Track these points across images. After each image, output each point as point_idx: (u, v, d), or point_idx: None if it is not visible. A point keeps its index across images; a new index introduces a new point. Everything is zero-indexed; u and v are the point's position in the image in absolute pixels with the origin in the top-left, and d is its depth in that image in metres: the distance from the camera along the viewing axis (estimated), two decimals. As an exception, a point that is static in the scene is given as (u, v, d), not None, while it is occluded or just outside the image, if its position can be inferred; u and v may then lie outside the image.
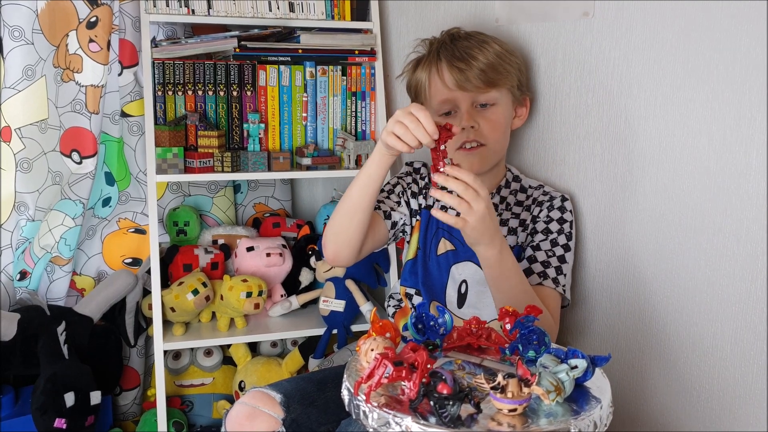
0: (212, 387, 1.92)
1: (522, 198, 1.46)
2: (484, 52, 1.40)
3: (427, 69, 1.43)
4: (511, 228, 1.42)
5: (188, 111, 1.75)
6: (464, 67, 1.38)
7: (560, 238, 1.38)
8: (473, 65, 1.38)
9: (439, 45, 1.44)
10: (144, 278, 1.81)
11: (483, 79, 1.38)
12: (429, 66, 1.43)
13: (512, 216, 1.44)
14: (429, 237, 1.45)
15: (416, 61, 1.49)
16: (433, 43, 1.47)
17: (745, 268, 1.14)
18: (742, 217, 1.14)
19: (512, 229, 1.42)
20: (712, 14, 1.16)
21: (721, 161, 1.17)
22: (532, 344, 0.95)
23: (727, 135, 1.15)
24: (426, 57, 1.46)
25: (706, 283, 1.21)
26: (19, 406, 1.64)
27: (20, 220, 1.68)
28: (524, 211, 1.44)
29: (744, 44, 1.11)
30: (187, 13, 1.72)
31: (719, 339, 1.20)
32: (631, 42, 1.30)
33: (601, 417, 0.84)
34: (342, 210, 1.27)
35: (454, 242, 1.43)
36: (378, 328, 0.95)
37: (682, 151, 1.23)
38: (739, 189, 1.14)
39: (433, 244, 1.44)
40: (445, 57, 1.40)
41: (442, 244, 1.44)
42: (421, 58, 1.48)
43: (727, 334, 1.18)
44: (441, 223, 1.40)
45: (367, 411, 0.83)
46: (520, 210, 1.44)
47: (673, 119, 1.24)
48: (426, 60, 1.45)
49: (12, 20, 1.59)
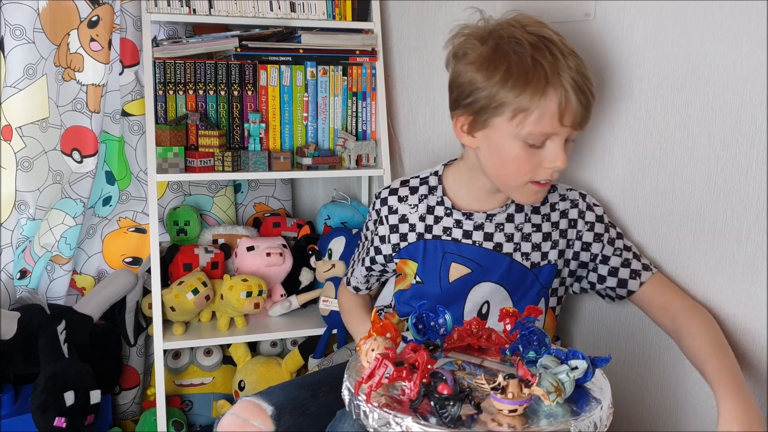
0: (212, 386, 1.92)
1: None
2: (591, 79, 1.18)
3: (541, 93, 1.12)
4: (535, 244, 1.29)
5: (189, 110, 1.75)
6: (589, 102, 1.16)
7: (611, 232, 1.30)
8: (591, 101, 1.17)
9: (555, 62, 1.13)
10: (144, 277, 1.81)
11: (591, 115, 1.19)
12: (546, 90, 1.12)
13: (534, 229, 1.30)
14: (432, 266, 1.31)
15: (508, 70, 1.13)
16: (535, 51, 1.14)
17: (745, 269, 1.15)
18: (743, 219, 1.14)
19: (536, 244, 1.29)
20: (712, 15, 1.16)
21: (721, 163, 1.17)
22: (532, 345, 0.95)
23: (727, 137, 1.15)
24: (536, 74, 1.12)
25: (706, 285, 1.22)
26: (19, 404, 1.64)
27: (21, 218, 1.68)
28: (545, 221, 1.30)
29: (744, 45, 1.11)
30: (188, 13, 1.72)
31: (719, 340, 1.21)
32: (631, 43, 1.30)
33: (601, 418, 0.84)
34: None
35: (469, 264, 1.30)
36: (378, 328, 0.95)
37: (682, 152, 1.23)
38: (739, 191, 1.14)
39: (443, 271, 1.31)
40: (572, 86, 1.13)
41: (454, 269, 1.30)
42: (520, 70, 1.13)
43: (727, 335, 1.18)
44: (447, 248, 1.30)
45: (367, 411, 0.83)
46: (540, 219, 1.30)
47: (674, 120, 1.24)
48: (540, 80, 1.12)
49: (13, 19, 1.59)
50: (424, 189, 1.35)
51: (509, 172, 1.20)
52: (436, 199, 1.33)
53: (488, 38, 1.18)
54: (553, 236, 1.30)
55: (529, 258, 1.29)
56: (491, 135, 1.19)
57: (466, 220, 1.30)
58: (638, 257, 1.29)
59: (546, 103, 1.12)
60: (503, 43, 1.16)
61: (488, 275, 1.29)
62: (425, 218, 1.33)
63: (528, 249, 1.29)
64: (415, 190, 1.36)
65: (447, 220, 1.31)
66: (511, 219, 1.30)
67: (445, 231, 1.31)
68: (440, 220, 1.32)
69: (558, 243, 1.30)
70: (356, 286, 1.51)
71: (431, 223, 1.32)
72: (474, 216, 1.30)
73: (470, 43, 1.21)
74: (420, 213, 1.33)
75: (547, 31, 1.18)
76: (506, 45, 1.15)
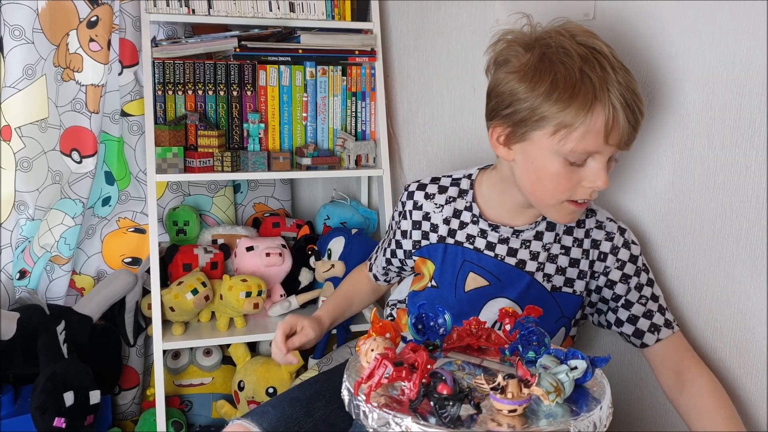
0: (211, 387, 1.92)
1: (571, 224, 1.24)
2: (641, 94, 1.11)
3: (588, 109, 1.06)
4: (560, 267, 1.22)
5: (188, 111, 1.75)
6: (638, 122, 1.10)
7: (642, 277, 1.22)
8: (640, 120, 1.10)
9: (605, 76, 1.07)
10: (143, 278, 1.81)
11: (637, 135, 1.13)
12: (593, 106, 1.06)
13: (562, 252, 1.23)
14: (449, 272, 1.26)
15: (554, 82, 1.07)
16: (584, 64, 1.07)
17: (745, 269, 1.15)
18: (742, 219, 1.14)
19: (561, 268, 1.22)
20: (712, 15, 1.16)
21: (720, 162, 1.17)
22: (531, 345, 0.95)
23: (726, 136, 1.15)
24: (583, 89, 1.06)
25: (705, 285, 1.22)
26: (19, 405, 1.64)
27: (20, 219, 1.68)
28: (575, 246, 1.23)
29: (744, 45, 1.11)
30: (187, 13, 1.72)
31: (718, 340, 1.20)
32: (631, 43, 1.30)
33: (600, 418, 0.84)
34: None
35: (488, 277, 1.24)
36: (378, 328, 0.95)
37: (681, 152, 1.23)
38: (738, 191, 1.14)
39: (459, 279, 1.25)
40: (621, 103, 1.07)
41: (471, 279, 1.24)
42: (566, 82, 1.06)
43: (727, 336, 1.18)
44: (468, 256, 1.25)
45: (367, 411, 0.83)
46: (571, 243, 1.23)
47: (673, 120, 1.24)
48: (588, 95, 1.06)
49: (13, 19, 1.59)
50: (454, 191, 1.28)
51: (546, 190, 1.14)
52: (464, 203, 1.27)
53: (534, 46, 1.11)
54: (581, 264, 1.23)
55: (551, 280, 1.22)
56: (529, 149, 1.12)
57: (492, 232, 1.24)
58: (663, 311, 1.23)
59: (592, 119, 1.06)
60: (550, 52, 1.09)
61: (505, 291, 1.23)
62: (450, 222, 1.27)
63: (551, 271, 1.23)
64: (444, 190, 1.29)
65: (472, 227, 1.25)
66: (540, 237, 1.23)
67: (468, 239, 1.25)
68: (465, 226, 1.26)
69: (586, 274, 1.23)
70: (375, 274, 1.48)
71: (455, 228, 1.26)
72: (500, 229, 1.23)
73: (513, 50, 1.14)
74: (445, 215, 1.27)
75: (598, 42, 1.10)
76: (553, 55, 1.09)
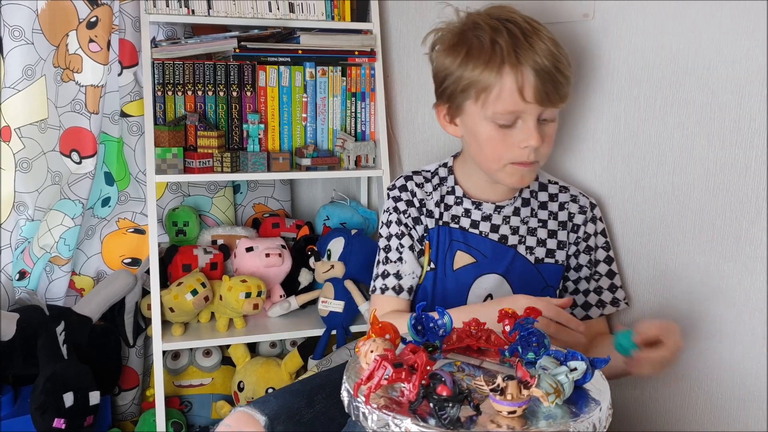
0: (211, 387, 1.92)
1: (544, 198, 1.36)
2: (564, 59, 1.20)
3: (497, 70, 1.18)
4: (540, 239, 1.33)
5: (188, 111, 1.75)
6: (555, 79, 1.18)
7: (599, 253, 1.34)
8: (559, 79, 1.19)
9: (513, 41, 1.18)
10: (143, 278, 1.81)
11: (562, 94, 1.21)
12: (502, 67, 1.17)
13: (539, 225, 1.34)
14: (441, 252, 1.33)
15: (468, 52, 1.21)
16: (494, 33, 1.19)
17: (745, 269, 1.14)
18: (741, 219, 1.14)
19: (541, 240, 1.33)
20: (712, 15, 1.16)
21: (720, 162, 1.17)
22: (531, 346, 0.95)
23: (726, 136, 1.15)
24: (493, 53, 1.18)
25: (704, 285, 1.22)
26: (18, 405, 1.64)
27: (19, 219, 1.68)
28: (551, 219, 1.34)
29: (744, 45, 1.11)
30: (187, 14, 1.72)
31: (718, 340, 1.20)
32: (631, 43, 1.30)
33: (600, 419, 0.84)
34: None
35: (474, 254, 1.31)
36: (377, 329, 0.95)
37: (681, 152, 1.23)
38: (738, 191, 1.14)
39: (447, 258, 1.32)
40: (528, 62, 1.17)
41: (459, 257, 1.32)
42: (479, 50, 1.20)
43: (727, 336, 1.18)
44: (454, 235, 1.32)
45: (366, 412, 0.83)
46: (546, 216, 1.34)
47: (673, 121, 1.24)
48: (496, 58, 1.18)
49: (12, 20, 1.59)
50: (436, 179, 1.38)
51: (487, 155, 1.25)
52: (447, 188, 1.36)
53: (459, 29, 1.26)
54: (559, 235, 1.33)
55: (533, 252, 1.31)
56: (467, 121, 1.25)
57: (475, 210, 1.33)
58: (614, 289, 1.33)
59: (502, 80, 1.17)
60: (466, 29, 1.24)
61: (493, 267, 1.31)
62: (440, 205, 1.35)
63: (533, 243, 1.32)
64: (428, 179, 1.38)
65: (456, 208, 1.34)
66: (518, 212, 1.33)
67: (454, 219, 1.34)
68: (450, 208, 1.34)
69: (565, 244, 1.33)
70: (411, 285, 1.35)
71: (443, 210, 1.35)
72: (483, 206, 1.33)
73: (441, 35, 1.30)
74: (435, 199, 1.35)
75: (513, 15, 1.23)
76: (469, 31, 1.24)
